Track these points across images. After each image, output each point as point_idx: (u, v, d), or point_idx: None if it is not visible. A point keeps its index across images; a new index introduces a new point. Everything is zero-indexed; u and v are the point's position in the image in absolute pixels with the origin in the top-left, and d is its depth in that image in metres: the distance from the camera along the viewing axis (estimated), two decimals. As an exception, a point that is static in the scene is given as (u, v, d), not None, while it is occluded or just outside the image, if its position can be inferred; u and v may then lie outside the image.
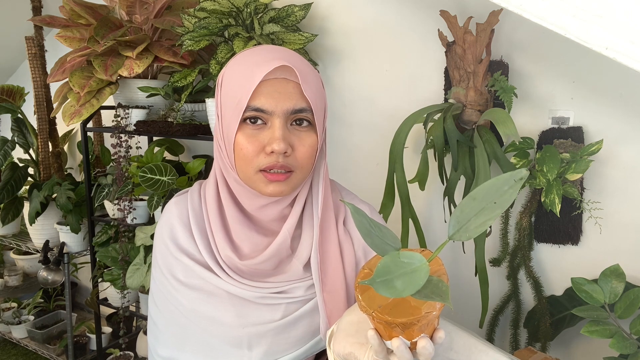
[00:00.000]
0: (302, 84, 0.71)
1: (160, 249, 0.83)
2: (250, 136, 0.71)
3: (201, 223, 0.81)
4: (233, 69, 0.74)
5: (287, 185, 0.73)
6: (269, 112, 0.70)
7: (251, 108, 0.70)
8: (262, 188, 0.73)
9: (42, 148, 2.02)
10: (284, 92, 0.71)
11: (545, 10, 0.87)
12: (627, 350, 1.05)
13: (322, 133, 0.76)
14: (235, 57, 0.77)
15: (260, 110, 0.70)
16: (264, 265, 0.77)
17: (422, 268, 0.49)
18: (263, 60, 0.71)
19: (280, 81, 0.71)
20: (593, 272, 1.24)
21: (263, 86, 0.70)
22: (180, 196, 0.86)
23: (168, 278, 0.80)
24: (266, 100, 0.70)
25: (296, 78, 0.71)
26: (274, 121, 0.71)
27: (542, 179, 1.24)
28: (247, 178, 0.74)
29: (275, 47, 0.76)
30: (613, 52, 0.83)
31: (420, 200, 1.53)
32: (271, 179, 0.72)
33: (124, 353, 1.96)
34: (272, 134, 0.70)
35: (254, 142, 0.71)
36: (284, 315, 0.77)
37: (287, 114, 0.71)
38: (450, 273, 1.54)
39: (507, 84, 1.27)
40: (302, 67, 0.73)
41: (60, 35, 1.64)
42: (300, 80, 0.71)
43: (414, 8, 1.47)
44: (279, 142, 0.69)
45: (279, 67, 0.71)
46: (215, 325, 0.76)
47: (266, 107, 0.70)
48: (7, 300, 2.37)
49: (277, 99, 0.70)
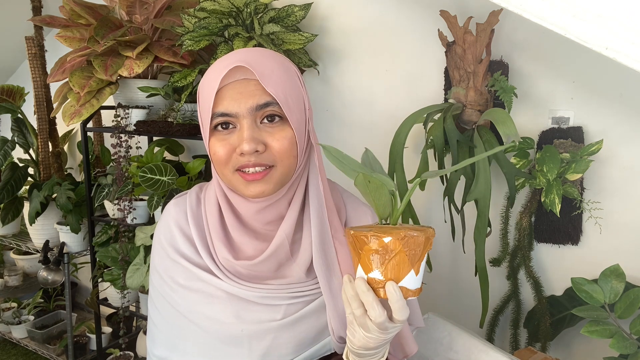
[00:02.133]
0: (260, 79, 0.70)
1: (159, 252, 0.83)
2: (221, 140, 0.72)
3: (200, 226, 0.80)
4: (202, 80, 0.76)
5: (268, 183, 0.72)
6: (234, 114, 0.71)
7: (217, 114, 0.71)
8: (243, 190, 0.73)
9: (42, 148, 2.02)
10: (245, 91, 0.71)
11: (545, 10, 0.87)
12: (627, 350, 1.05)
13: (302, 125, 0.75)
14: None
15: (226, 114, 0.71)
16: (262, 267, 0.76)
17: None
18: (222, 66, 0.72)
19: (241, 82, 0.71)
20: (593, 272, 1.24)
21: (224, 91, 0.71)
22: (179, 198, 0.86)
23: (166, 280, 0.80)
24: (229, 103, 0.71)
25: (255, 76, 0.71)
26: (242, 122, 0.71)
27: (542, 179, 1.24)
28: (228, 181, 0.75)
29: (240, 50, 0.76)
30: (613, 52, 0.83)
31: (420, 200, 1.53)
32: (249, 179, 0.72)
33: (124, 353, 1.96)
34: (240, 135, 0.71)
35: (225, 145, 0.72)
36: (285, 316, 0.77)
37: (252, 111, 0.71)
38: (450, 273, 1.54)
39: (507, 84, 1.27)
40: (261, 62, 0.72)
41: (60, 35, 1.64)
42: (257, 76, 0.70)
43: (414, 8, 1.47)
44: (247, 142, 0.69)
45: (238, 70, 0.71)
46: (215, 325, 0.76)
47: (230, 109, 0.71)
48: (7, 300, 2.37)
49: (238, 100, 0.70)
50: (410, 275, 0.59)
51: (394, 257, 0.58)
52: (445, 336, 1.07)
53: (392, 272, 0.59)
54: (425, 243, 0.59)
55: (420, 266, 0.60)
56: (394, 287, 0.60)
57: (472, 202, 1.33)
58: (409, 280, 0.59)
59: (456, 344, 1.05)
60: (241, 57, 0.72)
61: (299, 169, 0.76)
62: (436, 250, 1.54)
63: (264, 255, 0.75)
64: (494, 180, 1.38)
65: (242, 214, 0.78)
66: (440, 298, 1.57)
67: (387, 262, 0.59)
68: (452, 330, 1.07)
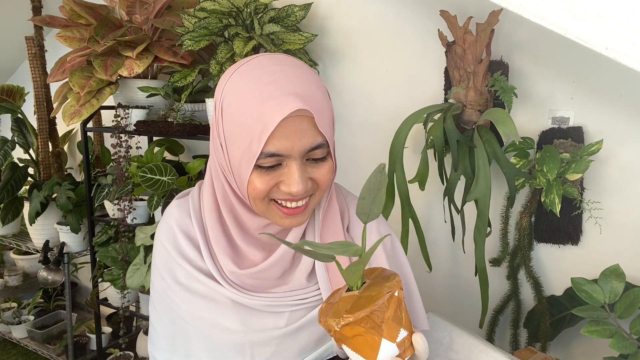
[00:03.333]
0: (317, 119, 0.65)
1: (161, 252, 0.81)
2: (264, 176, 0.67)
3: (203, 230, 0.80)
4: (238, 97, 0.66)
5: (305, 215, 0.71)
6: (285, 155, 0.65)
7: (266, 154, 0.64)
8: (277, 220, 0.71)
9: (42, 148, 2.02)
10: (298, 130, 0.64)
11: (545, 10, 0.87)
12: (627, 350, 1.05)
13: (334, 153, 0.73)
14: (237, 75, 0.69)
15: (276, 155, 0.65)
16: (266, 275, 0.75)
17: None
18: (273, 96, 0.64)
19: (294, 119, 0.64)
20: (593, 272, 1.24)
21: (277, 129, 0.63)
22: (182, 199, 0.84)
23: (168, 282, 0.79)
24: (281, 144, 0.64)
25: (309, 112, 0.65)
26: (291, 163, 0.66)
27: (542, 179, 1.24)
28: (261, 210, 0.71)
29: (284, 73, 0.67)
30: (613, 52, 0.83)
31: (420, 200, 1.53)
32: (288, 213, 0.69)
33: (124, 353, 1.96)
34: (289, 175, 0.66)
35: (269, 181, 0.67)
36: (288, 323, 0.76)
37: (304, 153, 0.66)
38: (450, 273, 1.54)
39: (507, 84, 1.27)
40: (312, 95, 0.66)
41: (60, 35, 1.65)
42: (315, 115, 0.64)
43: (414, 8, 1.47)
44: (296, 184, 0.66)
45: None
46: (218, 332, 0.76)
47: (282, 151, 0.64)
48: (7, 300, 2.37)
49: (292, 140, 0.64)
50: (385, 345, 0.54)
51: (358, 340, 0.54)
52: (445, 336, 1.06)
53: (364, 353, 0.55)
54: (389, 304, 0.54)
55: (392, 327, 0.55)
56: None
57: (472, 202, 1.33)
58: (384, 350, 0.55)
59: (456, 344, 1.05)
60: (297, 92, 0.64)
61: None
62: (436, 250, 1.54)
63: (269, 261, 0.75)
64: (494, 180, 1.38)
65: (249, 228, 0.76)
66: (440, 298, 1.57)
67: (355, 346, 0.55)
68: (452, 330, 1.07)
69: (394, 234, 0.87)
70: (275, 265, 0.75)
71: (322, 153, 0.68)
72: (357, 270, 0.57)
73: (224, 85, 0.69)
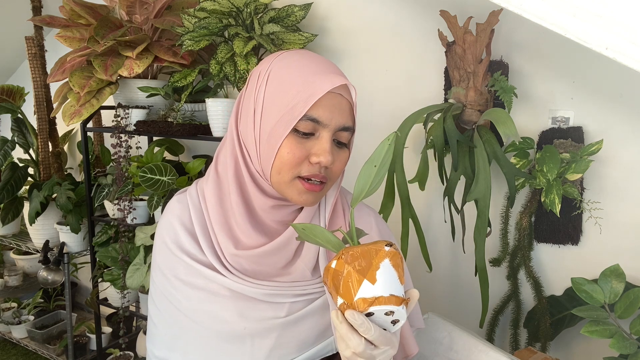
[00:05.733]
0: (355, 104, 0.73)
1: (161, 248, 0.82)
2: (297, 143, 0.71)
3: (203, 221, 0.80)
4: (287, 71, 0.72)
5: (319, 196, 0.75)
6: (324, 124, 0.70)
7: (308, 117, 0.69)
8: (295, 195, 0.73)
9: (42, 148, 2.02)
10: (339, 107, 0.71)
11: (545, 10, 0.87)
12: (627, 350, 1.05)
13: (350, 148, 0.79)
14: (285, 56, 0.75)
15: (316, 120, 0.70)
16: (267, 261, 0.76)
17: None
18: (323, 72, 0.71)
19: (338, 96, 0.71)
20: (593, 272, 1.24)
21: (323, 98, 0.70)
22: (181, 195, 0.85)
23: (169, 277, 0.80)
24: (324, 112, 0.70)
25: (350, 97, 0.73)
26: (324, 134, 0.71)
27: (542, 179, 1.24)
28: (281, 183, 0.73)
29: (328, 60, 0.76)
30: (613, 52, 0.83)
31: (420, 200, 1.53)
32: (309, 188, 0.72)
33: (124, 353, 1.96)
34: (321, 145, 0.71)
35: (301, 149, 0.71)
36: (289, 313, 0.77)
37: (338, 129, 0.72)
38: (450, 273, 1.54)
39: (507, 84, 1.27)
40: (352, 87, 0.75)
41: (60, 35, 1.65)
42: (353, 100, 0.72)
43: (414, 8, 1.47)
44: (327, 154, 0.70)
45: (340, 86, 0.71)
46: (217, 323, 0.76)
47: (323, 118, 0.70)
48: (7, 300, 2.37)
49: (333, 113, 0.70)
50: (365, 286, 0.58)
51: (345, 276, 0.59)
52: (445, 336, 1.06)
53: (345, 290, 0.59)
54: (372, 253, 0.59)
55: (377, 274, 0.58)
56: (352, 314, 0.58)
57: (472, 202, 1.33)
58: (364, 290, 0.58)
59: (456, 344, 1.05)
60: (342, 74, 0.73)
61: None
62: (436, 250, 1.54)
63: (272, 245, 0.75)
64: (494, 180, 1.38)
65: (255, 207, 0.77)
66: (440, 298, 1.57)
67: (340, 284, 0.59)
68: (452, 330, 1.07)
69: (393, 236, 0.88)
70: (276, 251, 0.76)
71: (347, 138, 0.74)
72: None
73: (272, 60, 0.75)
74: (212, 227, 0.79)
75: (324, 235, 0.63)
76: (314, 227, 0.63)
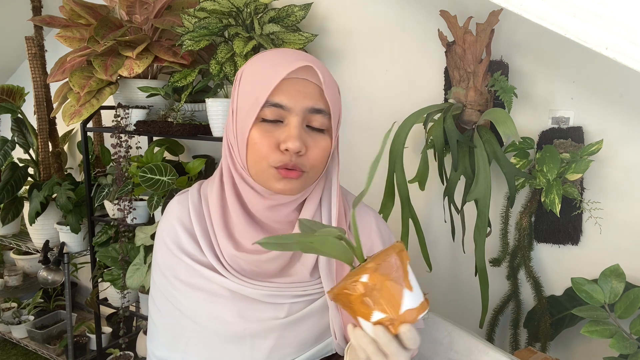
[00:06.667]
0: (324, 86, 0.71)
1: (161, 249, 0.82)
2: (265, 132, 0.71)
3: (203, 223, 0.80)
4: (254, 67, 0.74)
5: (298, 184, 0.73)
6: (288, 108, 0.70)
7: (270, 103, 0.70)
8: (273, 184, 0.72)
9: (42, 148, 2.02)
10: (303, 91, 0.71)
11: (546, 10, 0.87)
12: (627, 350, 1.05)
13: (335, 139, 0.76)
14: (256, 56, 0.77)
15: (279, 105, 0.70)
16: (267, 265, 0.76)
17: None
18: (286, 61, 0.71)
19: (301, 81, 0.71)
20: (593, 272, 1.24)
21: (284, 84, 0.70)
22: (181, 195, 0.85)
23: (169, 278, 0.80)
24: (285, 97, 0.70)
25: (318, 80, 0.72)
26: (291, 119, 0.70)
27: (542, 179, 1.24)
28: (259, 173, 0.73)
29: (297, 51, 0.76)
30: (613, 52, 0.83)
31: (420, 200, 1.53)
32: (284, 174, 0.71)
33: (124, 353, 1.96)
34: (288, 131, 0.70)
35: (269, 137, 0.71)
36: (289, 314, 0.77)
37: (305, 112, 0.71)
38: (450, 273, 1.54)
39: (507, 84, 1.27)
40: (324, 71, 0.73)
41: (60, 35, 1.64)
42: (322, 81, 0.71)
43: (414, 8, 1.47)
44: (294, 140, 0.69)
45: (301, 69, 0.71)
46: (217, 324, 0.76)
47: (285, 103, 0.70)
48: (7, 300, 2.37)
49: (296, 97, 0.70)
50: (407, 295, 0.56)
51: (382, 289, 0.56)
52: (445, 336, 1.06)
53: (389, 303, 0.56)
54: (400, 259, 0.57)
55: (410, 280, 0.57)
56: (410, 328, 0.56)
57: (472, 202, 1.33)
58: (408, 300, 0.56)
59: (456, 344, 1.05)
60: (307, 58, 0.72)
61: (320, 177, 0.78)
62: (436, 250, 1.54)
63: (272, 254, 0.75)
64: (494, 180, 1.38)
65: (251, 209, 0.78)
66: (440, 298, 1.57)
67: (378, 298, 0.56)
68: (452, 330, 1.07)
69: (393, 236, 0.88)
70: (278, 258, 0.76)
71: (321, 121, 0.72)
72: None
73: (243, 68, 0.77)
74: (212, 228, 0.79)
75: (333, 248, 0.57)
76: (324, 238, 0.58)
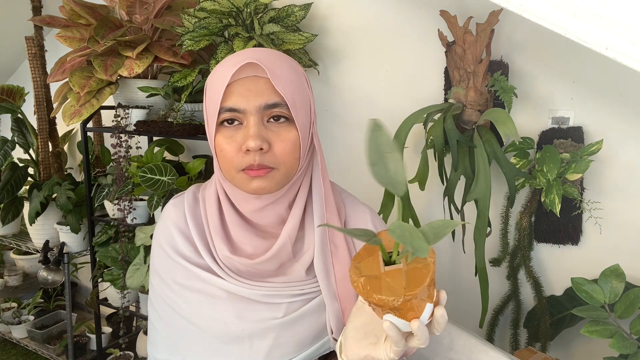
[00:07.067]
0: (271, 78, 0.71)
1: (158, 253, 0.83)
2: (228, 137, 0.72)
3: (199, 225, 0.81)
4: (211, 77, 0.76)
5: (270, 181, 0.73)
6: (242, 110, 0.71)
7: (224, 109, 0.71)
8: (246, 186, 0.73)
9: (42, 148, 2.02)
10: (254, 89, 0.71)
11: (546, 10, 0.87)
12: (627, 350, 1.05)
13: (306, 128, 0.75)
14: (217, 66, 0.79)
15: (233, 109, 0.71)
16: (264, 266, 0.77)
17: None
18: (230, 64, 0.72)
19: (251, 79, 0.72)
20: (593, 272, 1.24)
21: (234, 86, 0.71)
22: (177, 199, 0.86)
23: (167, 281, 0.80)
24: (237, 99, 0.71)
25: (266, 74, 0.72)
26: (249, 119, 0.71)
27: (542, 179, 1.24)
28: (232, 178, 0.74)
29: (251, 49, 0.77)
30: (613, 52, 0.83)
31: (420, 200, 1.53)
32: (252, 174, 0.72)
33: (124, 353, 1.96)
34: (246, 132, 0.71)
35: (232, 142, 0.72)
36: (286, 314, 0.77)
37: (260, 109, 0.71)
38: (450, 273, 1.54)
39: (507, 84, 1.27)
40: (273, 61, 0.73)
41: (60, 35, 1.64)
42: (269, 75, 0.71)
43: (414, 8, 1.47)
44: (252, 139, 0.69)
45: (249, 66, 0.71)
46: (216, 325, 0.76)
47: (238, 105, 0.71)
48: (7, 300, 2.37)
49: (247, 97, 0.71)
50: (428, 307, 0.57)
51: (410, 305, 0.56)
52: (445, 336, 1.06)
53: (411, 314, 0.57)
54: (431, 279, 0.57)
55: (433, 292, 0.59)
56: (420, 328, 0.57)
57: (472, 202, 1.33)
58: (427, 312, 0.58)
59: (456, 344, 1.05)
60: (253, 55, 0.72)
61: (300, 171, 0.77)
62: (436, 250, 1.54)
63: (267, 255, 0.76)
64: (494, 180, 1.38)
65: (242, 211, 0.78)
66: (440, 298, 1.57)
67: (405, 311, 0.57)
68: (452, 330, 1.07)
69: None
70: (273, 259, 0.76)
71: (281, 113, 0.72)
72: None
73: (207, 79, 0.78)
74: (209, 231, 0.79)
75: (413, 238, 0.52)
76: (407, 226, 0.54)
